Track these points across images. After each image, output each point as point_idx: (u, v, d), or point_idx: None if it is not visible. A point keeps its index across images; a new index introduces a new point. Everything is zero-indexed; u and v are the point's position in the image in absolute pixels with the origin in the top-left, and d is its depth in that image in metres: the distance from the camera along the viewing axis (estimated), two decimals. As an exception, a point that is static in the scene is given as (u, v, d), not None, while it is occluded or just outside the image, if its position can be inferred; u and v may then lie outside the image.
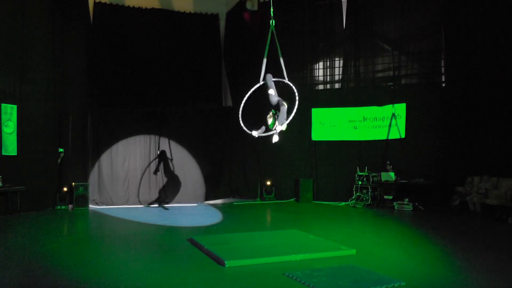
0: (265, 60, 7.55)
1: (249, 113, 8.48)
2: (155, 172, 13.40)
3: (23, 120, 11.27)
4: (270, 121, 7.21)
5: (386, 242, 7.88)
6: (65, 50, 12.54)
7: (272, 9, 7.85)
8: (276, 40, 7.81)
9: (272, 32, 7.69)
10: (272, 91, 7.20)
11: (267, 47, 7.65)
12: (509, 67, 11.12)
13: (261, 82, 7.52)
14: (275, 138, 7.13)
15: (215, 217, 11.02)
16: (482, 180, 11.23)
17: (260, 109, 7.92)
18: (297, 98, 7.26)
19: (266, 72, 7.51)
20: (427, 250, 7.15)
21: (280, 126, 6.96)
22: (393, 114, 13.13)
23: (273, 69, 7.92)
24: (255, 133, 7.32)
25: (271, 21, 7.74)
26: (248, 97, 7.58)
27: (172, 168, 13.60)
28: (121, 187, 13.04)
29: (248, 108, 8.23)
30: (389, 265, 6.15)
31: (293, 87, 7.33)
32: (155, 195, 13.32)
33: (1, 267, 6.03)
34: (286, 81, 7.50)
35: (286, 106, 7.06)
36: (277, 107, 7.15)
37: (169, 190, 13.44)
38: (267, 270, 5.86)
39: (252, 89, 7.56)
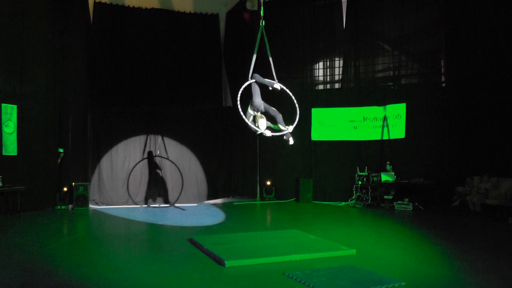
0: (254, 57, 7.62)
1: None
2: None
3: (23, 120, 11.27)
4: (262, 122, 7.25)
5: (386, 242, 7.88)
6: (65, 50, 12.54)
7: (262, 9, 7.92)
8: (266, 41, 7.87)
9: (262, 32, 7.76)
10: (256, 98, 7.27)
11: (257, 45, 7.71)
12: (509, 67, 11.12)
13: (251, 80, 7.55)
14: (291, 141, 7.33)
15: (216, 217, 11.02)
16: (482, 180, 11.23)
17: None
18: (297, 106, 7.34)
19: (254, 71, 7.58)
20: (427, 250, 7.15)
21: (291, 127, 7.14)
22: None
23: (267, 69, 7.98)
24: (268, 133, 7.33)
25: (261, 21, 7.81)
26: (245, 95, 7.59)
27: (172, 168, 13.60)
28: (121, 187, 13.04)
29: (245, 106, 8.24)
30: (389, 265, 6.15)
31: (292, 96, 7.39)
32: (155, 195, 13.32)
33: (1, 267, 6.03)
34: (278, 86, 7.53)
35: (280, 114, 7.21)
36: (264, 113, 7.24)
37: (169, 190, 13.45)
38: (267, 270, 5.86)
39: (242, 87, 7.57)
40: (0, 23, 10.82)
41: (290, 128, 7.35)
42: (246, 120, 7.23)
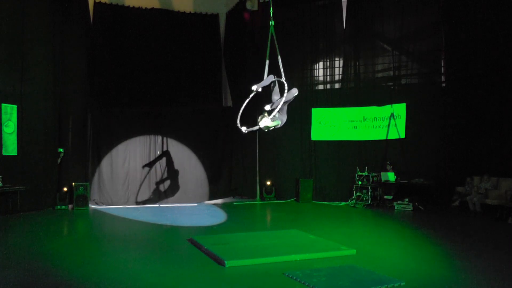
0: (267, 62, 7.49)
1: (248, 113, 8.47)
2: (150, 166, 13.41)
3: (23, 120, 11.26)
4: (266, 120, 7.14)
5: (386, 242, 7.88)
6: (65, 50, 12.53)
7: (271, 10, 7.80)
8: (275, 41, 7.78)
9: (272, 33, 7.66)
10: (274, 96, 7.17)
11: (268, 49, 7.59)
12: (509, 67, 11.12)
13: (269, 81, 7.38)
14: (243, 129, 7.01)
15: (216, 217, 11.02)
16: (482, 180, 11.24)
17: (260, 110, 7.93)
18: (286, 87, 7.09)
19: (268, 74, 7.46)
20: (427, 250, 7.15)
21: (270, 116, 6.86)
22: (393, 114, 13.14)
23: (272, 69, 7.91)
24: (244, 129, 7.15)
25: (270, 22, 7.70)
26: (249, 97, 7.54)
27: (172, 168, 13.59)
28: (121, 187, 13.04)
29: (247, 108, 8.20)
30: (389, 265, 6.15)
31: (285, 83, 7.19)
32: (155, 195, 13.32)
33: (1, 267, 6.03)
34: (282, 80, 7.40)
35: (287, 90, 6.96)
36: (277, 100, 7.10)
37: (169, 190, 13.45)
38: (267, 270, 5.87)
39: (254, 92, 7.44)
40: (0, 23, 10.81)
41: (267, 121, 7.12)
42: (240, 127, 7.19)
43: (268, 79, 7.27)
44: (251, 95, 7.27)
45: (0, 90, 10.81)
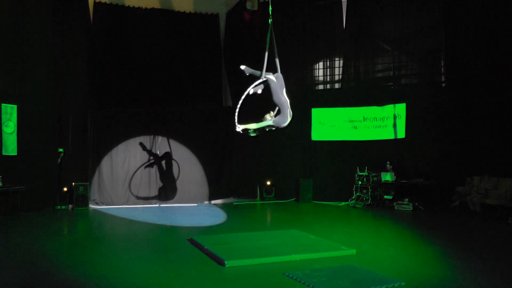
0: (266, 54, 7.53)
1: (248, 111, 8.47)
2: (150, 166, 13.41)
3: (23, 120, 11.26)
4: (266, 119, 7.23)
5: (386, 242, 7.89)
6: (65, 50, 12.54)
7: (270, 8, 7.81)
8: (273, 37, 7.81)
9: (271, 30, 7.68)
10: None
11: (267, 43, 7.62)
12: (509, 67, 11.12)
13: (263, 78, 7.43)
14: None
15: (216, 217, 11.02)
16: (482, 180, 11.23)
17: (259, 107, 7.95)
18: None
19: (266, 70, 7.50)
20: (427, 250, 7.15)
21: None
22: (394, 114, 13.15)
23: (271, 67, 7.94)
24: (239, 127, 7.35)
25: (269, 20, 7.72)
26: (248, 95, 7.56)
27: (172, 168, 13.59)
28: (121, 187, 13.04)
29: (247, 106, 8.21)
30: (389, 265, 6.15)
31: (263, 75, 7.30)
32: (155, 195, 13.32)
33: (1, 267, 6.03)
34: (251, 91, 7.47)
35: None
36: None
37: (169, 190, 13.45)
38: (267, 270, 5.86)
39: (253, 85, 7.50)
40: (0, 23, 10.81)
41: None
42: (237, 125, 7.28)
43: (258, 72, 7.32)
44: (248, 90, 7.33)
45: (0, 90, 10.81)
